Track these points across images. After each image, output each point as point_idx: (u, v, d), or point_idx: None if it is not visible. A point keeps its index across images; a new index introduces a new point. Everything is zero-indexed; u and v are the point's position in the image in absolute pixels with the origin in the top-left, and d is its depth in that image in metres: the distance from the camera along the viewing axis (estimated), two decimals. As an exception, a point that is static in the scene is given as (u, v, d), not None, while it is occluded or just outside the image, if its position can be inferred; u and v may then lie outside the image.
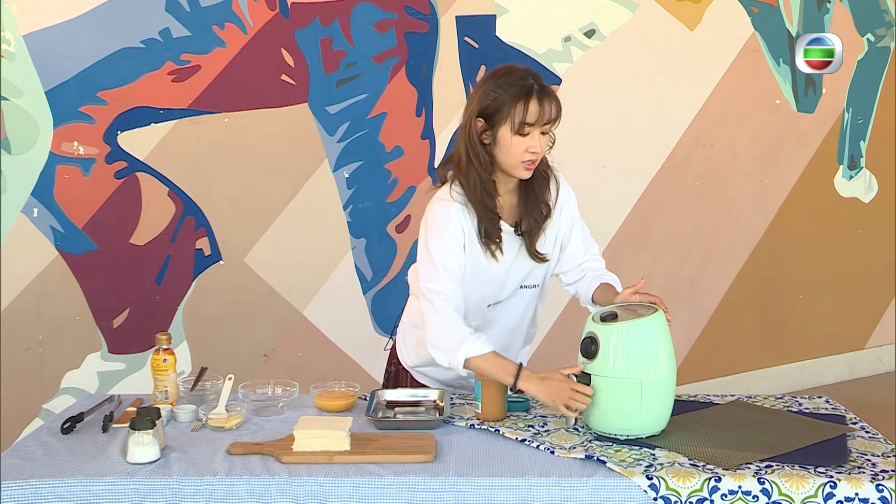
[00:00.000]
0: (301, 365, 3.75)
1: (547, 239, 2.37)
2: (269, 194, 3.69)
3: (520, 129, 2.17)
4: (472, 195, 2.24)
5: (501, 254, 2.29)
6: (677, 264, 4.52)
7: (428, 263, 2.25)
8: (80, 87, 3.33)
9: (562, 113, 2.23)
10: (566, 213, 2.41)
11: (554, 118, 2.20)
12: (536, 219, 2.32)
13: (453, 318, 2.20)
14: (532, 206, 2.31)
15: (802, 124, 4.74)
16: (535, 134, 2.19)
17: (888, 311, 5.16)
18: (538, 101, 2.18)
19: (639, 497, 1.86)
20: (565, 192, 2.41)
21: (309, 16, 3.65)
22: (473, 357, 2.17)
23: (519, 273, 2.36)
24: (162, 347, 2.32)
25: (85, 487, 1.87)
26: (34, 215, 3.33)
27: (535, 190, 2.32)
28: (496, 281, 2.34)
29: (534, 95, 2.18)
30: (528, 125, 2.17)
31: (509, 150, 2.20)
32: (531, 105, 2.17)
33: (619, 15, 4.23)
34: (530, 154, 2.20)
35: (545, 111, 2.18)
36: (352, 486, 1.87)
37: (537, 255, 2.34)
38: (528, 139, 2.19)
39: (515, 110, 2.17)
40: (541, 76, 2.25)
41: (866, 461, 1.95)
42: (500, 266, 2.31)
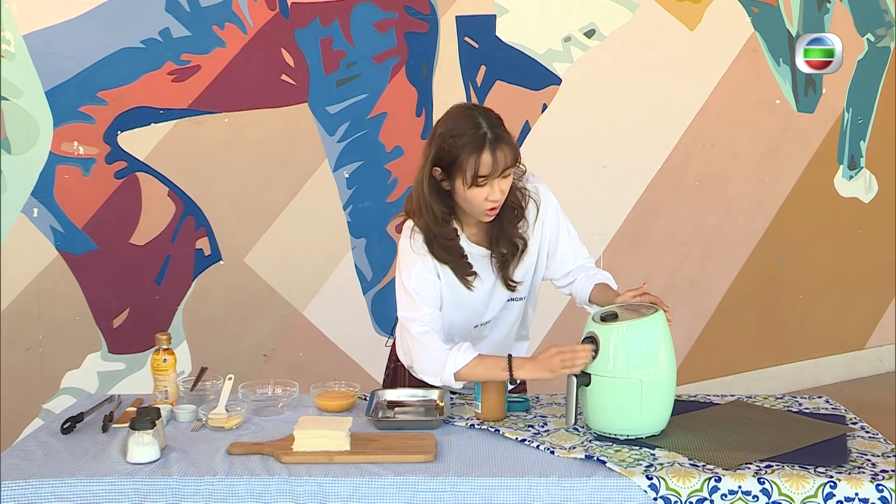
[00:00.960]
0: (301, 365, 3.75)
1: (525, 262, 2.34)
2: (269, 194, 3.69)
3: (474, 181, 2.13)
4: (430, 248, 2.23)
5: (480, 283, 2.28)
6: (677, 264, 4.52)
7: (403, 293, 2.25)
8: (80, 87, 3.33)
9: (519, 156, 2.19)
10: (548, 222, 2.36)
11: (510, 164, 2.15)
12: (506, 250, 2.29)
13: (430, 342, 2.20)
14: (502, 238, 2.28)
15: (802, 124, 4.74)
16: (493, 182, 2.14)
17: (888, 311, 5.16)
18: (491, 152, 2.12)
19: (639, 497, 1.86)
20: (545, 206, 2.35)
21: (309, 16, 3.65)
22: (461, 369, 2.17)
23: (503, 293, 2.35)
24: (162, 347, 2.32)
25: (85, 487, 1.87)
26: (34, 215, 3.33)
27: (504, 223, 2.27)
28: (478, 305, 2.34)
29: (486, 147, 2.12)
30: (483, 177, 2.13)
31: (467, 201, 2.17)
32: (483, 157, 2.12)
33: (619, 15, 4.23)
34: (490, 202, 2.17)
35: (498, 162, 2.13)
36: (352, 486, 1.87)
37: (510, 284, 2.32)
38: (486, 189, 2.15)
39: (468, 164, 2.12)
40: (494, 118, 2.19)
41: (866, 461, 1.95)
42: (479, 292, 2.31)
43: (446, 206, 2.22)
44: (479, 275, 2.28)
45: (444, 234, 2.23)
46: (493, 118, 2.19)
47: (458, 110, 2.24)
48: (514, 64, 4.03)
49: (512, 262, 2.30)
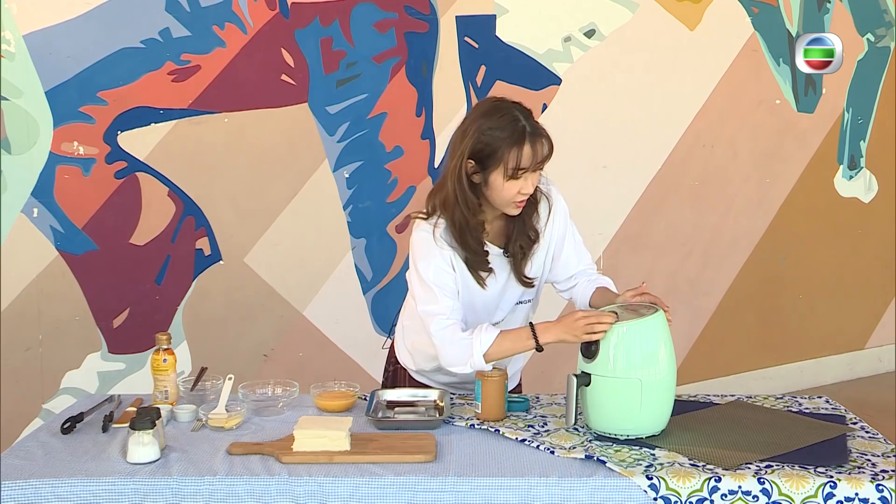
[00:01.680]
0: (301, 365, 3.75)
1: (539, 260, 2.36)
2: (269, 194, 3.69)
3: (513, 174, 2.15)
4: (457, 235, 2.23)
5: (493, 280, 2.29)
6: (677, 264, 4.52)
7: (421, 286, 2.25)
8: (80, 87, 3.33)
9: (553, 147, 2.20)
10: (557, 224, 2.38)
11: (547, 156, 2.18)
12: (523, 245, 2.30)
13: (453, 335, 2.20)
14: (519, 233, 2.29)
15: (802, 124, 4.74)
16: (528, 175, 2.17)
17: (888, 311, 5.16)
18: (531, 144, 2.15)
19: (639, 497, 1.86)
20: (556, 208, 2.37)
21: (309, 16, 3.65)
22: (488, 349, 2.18)
23: (513, 294, 2.36)
24: (162, 347, 2.32)
25: (85, 487, 1.87)
26: (34, 215, 3.33)
27: (524, 216, 2.29)
28: (489, 304, 2.34)
29: (526, 140, 2.15)
30: (522, 170, 2.15)
31: (501, 193, 2.19)
32: (525, 150, 2.15)
33: (619, 15, 4.23)
34: (522, 195, 2.19)
35: (538, 153, 2.16)
36: (352, 486, 1.87)
37: (525, 280, 2.33)
38: (521, 181, 2.17)
39: (509, 156, 2.14)
40: (530, 110, 2.22)
41: (866, 461, 1.95)
42: (492, 290, 2.31)
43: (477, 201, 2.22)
44: (494, 272, 2.29)
45: (475, 224, 2.23)
46: (526, 111, 2.22)
47: (492, 104, 2.25)
48: (514, 64, 4.03)
49: (527, 257, 2.31)
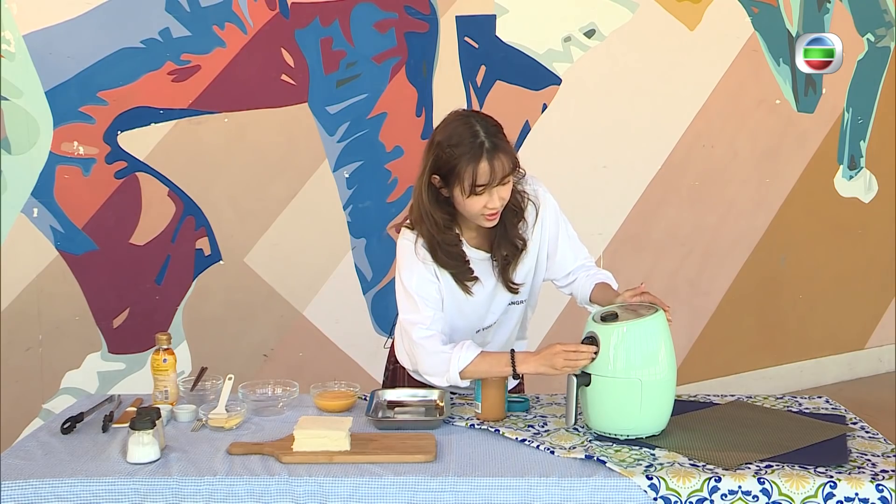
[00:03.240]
0: (301, 365, 3.75)
1: (527, 266, 2.35)
2: (269, 194, 3.69)
3: (472, 190, 2.13)
4: (432, 254, 2.23)
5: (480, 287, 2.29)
6: (677, 264, 4.52)
7: (404, 295, 2.25)
8: (80, 87, 3.33)
9: (518, 163, 2.18)
10: (547, 225, 2.36)
11: (508, 172, 2.14)
12: (508, 253, 2.28)
13: (432, 345, 2.20)
14: (503, 240, 2.28)
15: (802, 124, 4.74)
16: (492, 191, 2.14)
17: (888, 311, 5.16)
18: (488, 161, 2.11)
19: (639, 497, 1.86)
20: (543, 208, 2.34)
21: (309, 16, 3.65)
22: (466, 367, 2.17)
23: (504, 297, 2.35)
24: (162, 347, 2.32)
25: (85, 487, 1.87)
26: (34, 215, 3.33)
27: (506, 225, 2.26)
28: (479, 309, 2.33)
29: (483, 157, 2.11)
30: (482, 186, 2.12)
31: (466, 209, 2.18)
32: (481, 167, 2.11)
33: (619, 15, 4.23)
34: (489, 209, 2.16)
35: (496, 171, 2.12)
36: (352, 486, 1.87)
37: (511, 287, 2.32)
38: (484, 197, 2.14)
39: (466, 173, 2.11)
40: (498, 125, 2.18)
41: (866, 461, 1.95)
42: (479, 297, 2.31)
43: (447, 213, 2.22)
44: (479, 279, 2.28)
45: (446, 240, 2.23)
46: (490, 126, 2.17)
47: (456, 117, 2.21)
48: (514, 64, 4.03)
49: (512, 264, 2.30)
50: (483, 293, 2.31)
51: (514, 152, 2.19)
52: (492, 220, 2.20)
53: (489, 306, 2.35)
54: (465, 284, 2.27)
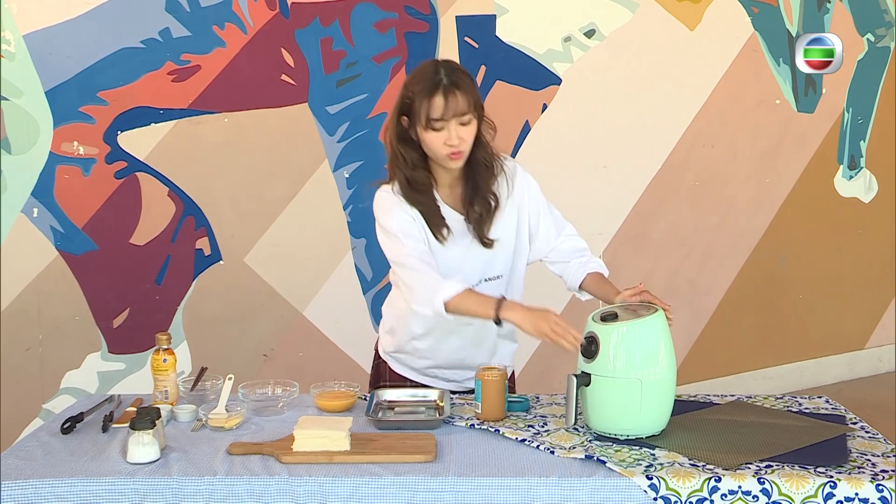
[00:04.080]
0: (301, 365, 3.75)
1: (503, 227, 2.36)
2: (269, 194, 3.69)
3: (428, 124, 2.20)
4: (406, 191, 2.28)
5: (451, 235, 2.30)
6: (677, 264, 4.52)
7: (388, 237, 2.28)
8: (80, 87, 3.33)
9: (479, 102, 2.25)
10: (528, 201, 2.40)
11: (465, 110, 2.20)
12: (480, 208, 2.31)
13: (426, 269, 2.22)
14: (475, 196, 2.31)
15: (802, 124, 4.74)
16: (451, 127, 2.20)
17: (888, 311, 5.16)
18: (443, 95, 2.19)
19: (639, 497, 1.85)
20: (523, 182, 2.40)
21: (309, 16, 3.65)
22: (451, 298, 2.17)
23: (476, 261, 2.35)
24: (162, 347, 2.32)
25: (85, 487, 1.87)
26: (34, 215, 3.33)
27: (477, 180, 2.31)
28: (450, 267, 2.32)
29: (439, 91, 2.19)
30: (436, 120, 2.19)
31: (428, 146, 2.24)
32: (435, 100, 2.19)
33: (619, 15, 4.23)
34: (449, 147, 2.21)
35: (450, 105, 2.19)
36: (352, 486, 1.87)
37: (486, 241, 2.33)
38: (443, 133, 2.20)
39: (422, 107, 2.20)
40: (456, 68, 2.26)
41: (866, 461, 1.95)
42: (453, 252, 2.32)
43: (417, 154, 2.27)
44: (451, 230, 2.30)
45: (416, 177, 2.28)
46: (454, 68, 2.25)
47: (425, 62, 2.31)
48: (514, 64, 4.03)
49: (487, 221, 2.32)
50: (456, 249, 2.32)
51: (476, 94, 2.25)
52: (455, 159, 2.24)
53: (461, 267, 2.33)
54: (437, 229, 2.29)
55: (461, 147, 2.23)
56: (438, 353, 2.42)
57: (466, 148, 2.24)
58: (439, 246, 2.30)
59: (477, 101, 2.25)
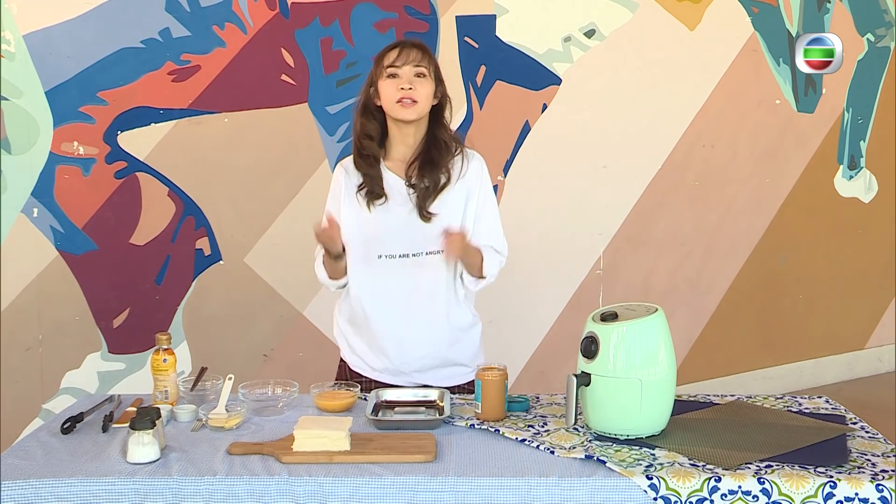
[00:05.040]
0: (301, 365, 3.75)
1: (448, 205, 2.41)
2: (269, 194, 3.69)
3: (387, 73, 2.37)
4: (354, 158, 2.45)
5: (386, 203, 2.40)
6: (677, 264, 4.52)
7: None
8: (80, 87, 3.33)
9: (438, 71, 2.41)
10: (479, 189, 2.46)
11: (419, 62, 2.37)
12: (429, 181, 2.39)
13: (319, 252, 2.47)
14: (425, 166, 2.40)
15: (802, 124, 4.74)
16: (406, 74, 2.36)
17: (888, 311, 5.16)
18: (400, 48, 2.39)
19: (639, 497, 1.85)
20: (478, 169, 2.47)
21: (309, 16, 3.65)
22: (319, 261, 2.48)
23: (413, 231, 2.40)
24: (162, 347, 2.31)
25: (85, 487, 1.87)
26: (34, 215, 3.33)
27: (432, 153, 2.41)
28: (381, 230, 2.41)
29: (398, 45, 2.40)
30: (393, 67, 2.36)
31: (385, 95, 2.37)
32: (394, 51, 2.39)
33: (619, 15, 4.23)
34: (401, 92, 2.35)
35: (404, 54, 2.38)
36: (352, 486, 1.87)
37: (425, 214, 2.39)
38: (397, 80, 2.36)
39: (382, 61, 2.39)
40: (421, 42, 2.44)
41: (866, 461, 1.95)
42: (387, 220, 2.40)
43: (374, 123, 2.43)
44: (388, 198, 2.40)
45: (366, 146, 2.43)
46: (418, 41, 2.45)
47: None
48: (514, 64, 4.03)
49: (433, 195, 2.39)
50: (391, 218, 2.41)
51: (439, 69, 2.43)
52: (406, 108, 2.35)
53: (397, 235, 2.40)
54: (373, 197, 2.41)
55: (413, 95, 2.35)
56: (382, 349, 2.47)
57: (419, 99, 2.36)
58: (371, 214, 2.41)
59: (436, 68, 2.42)
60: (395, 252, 2.41)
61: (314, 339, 3.80)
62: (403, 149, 2.43)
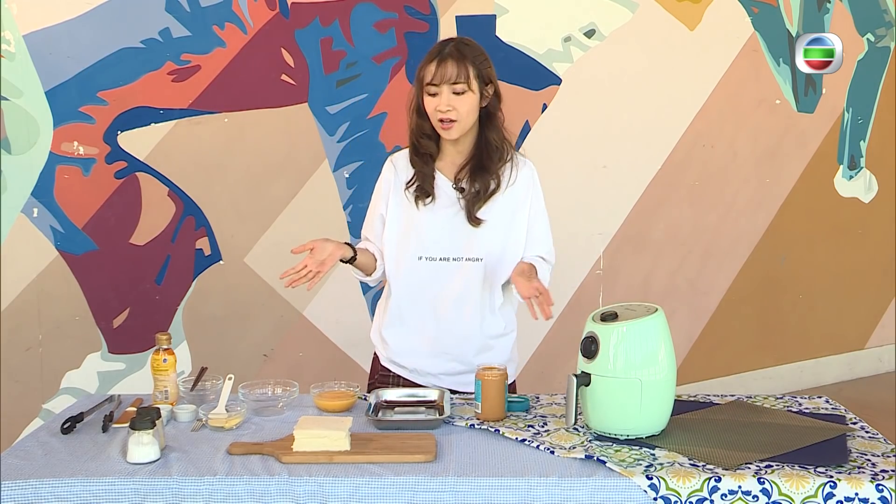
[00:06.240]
0: (301, 365, 3.75)
1: (496, 211, 2.38)
2: (269, 194, 3.69)
3: (425, 89, 2.31)
4: (410, 156, 2.44)
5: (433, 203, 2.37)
6: (677, 264, 4.52)
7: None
8: (80, 87, 3.33)
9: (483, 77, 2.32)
10: (533, 199, 2.42)
11: (455, 79, 2.28)
12: (480, 186, 2.35)
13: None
14: (476, 170, 2.36)
15: (802, 124, 4.74)
16: (444, 93, 2.29)
17: (888, 311, 5.16)
18: (438, 62, 2.29)
19: (639, 497, 1.85)
20: (529, 177, 2.43)
21: (309, 16, 3.65)
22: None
23: (457, 235, 2.37)
24: (162, 347, 2.32)
25: (85, 487, 1.87)
26: (34, 215, 3.33)
27: (483, 158, 2.37)
28: (424, 231, 2.38)
29: (436, 58, 2.30)
30: (431, 85, 2.30)
31: (428, 110, 2.33)
32: (431, 66, 2.30)
33: (619, 15, 4.23)
34: (439, 113, 2.30)
35: (440, 71, 2.28)
36: (352, 486, 1.87)
37: (474, 218, 2.36)
38: (436, 99, 2.30)
39: (422, 73, 2.33)
40: (468, 44, 2.35)
41: (866, 461, 1.95)
42: (432, 221, 2.38)
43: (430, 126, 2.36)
44: (436, 199, 2.38)
45: (422, 144, 2.40)
46: (465, 42, 2.35)
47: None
48: (514, 64, 4.03)
49: (483, 199, 2.36)
50: (436, 219, 2.38)
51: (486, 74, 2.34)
52: (446, 129, 2.32)
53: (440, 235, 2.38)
54: (422, 195, 2.38)
55: (450, 115, 2.30)
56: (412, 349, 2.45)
57: (457, 118, 2.31)
58: (418, 212, 2.38)
59: (479, 75, 2.32)
60: (435, 255, 2.39)
61: (314, 339, 3.80)
62: (454, 152, 2.41)
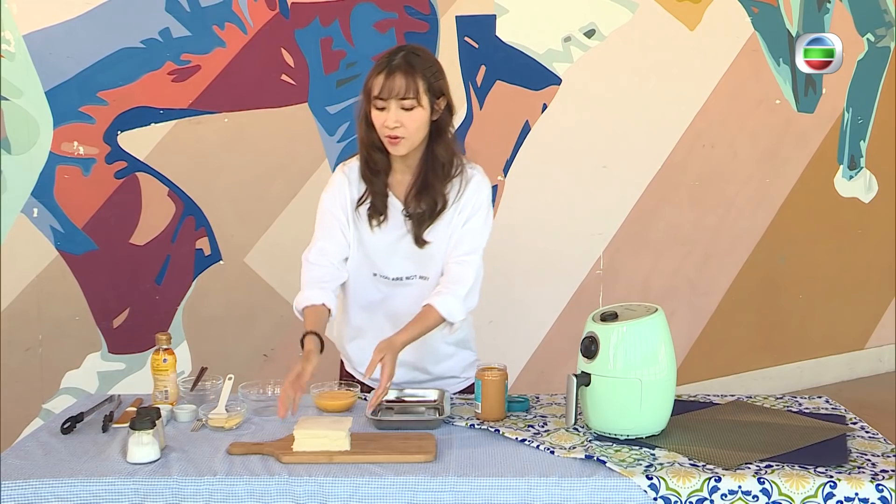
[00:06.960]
0: (301, 365, 3.74)
1: (441, 231, 2.32)
2: (269, 194, 3.69)
3: (373, 102, 2.20)
4: (361, 170, 2.33)
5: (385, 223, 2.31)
6: (677, 264, 4.52)
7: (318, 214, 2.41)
8: (80, 87, 3.33)
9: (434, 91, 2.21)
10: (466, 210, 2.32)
11: (404, 94, 2.17)
12: (426, 206, 2.29)
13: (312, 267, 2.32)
14: (423, 192, 2.28)
15: (802, 124, 4.74)
16: (392, 109, 2.18)
17: (888, 311, 5.16)
18: (386, 75, 2.18)
19: (639, 497, 1.85)
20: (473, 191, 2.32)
21: (309, 16, 3.65)
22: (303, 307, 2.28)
23: (405, 254, 2.33)
24: (162, 347, 2.32)
25: (85, 487, 1.87)
26: (34, 215, 3.33)
27: (429, 177, 2.28)
28: (378, 253, 2.34)
29: (384, 70, 2.18)
30: (377, 98, 2.19)
31: (375, 124, 2.23)
32: (378, 79, 2.19)
33: (619, 15, 4.23)
34: (387, 129, 2.20)
35: (388, 85, 2.17)
36: (352, 486, 1.87)
37: (420, 240, 2.31)
38: (384, 114, 2.20)
39: (369, 84, 2.21)
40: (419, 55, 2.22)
41: (866, 461, 1.95)
42: (381, 240, 2.33)
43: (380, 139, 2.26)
44: (388, 219, 2.31)
45: (374, 158, 2.29)
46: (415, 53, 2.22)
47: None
48: (514, 64, 4.03)
49: (428, 220, 2.30)
50: (385, 239, 2.33)
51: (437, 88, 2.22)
52: (393, 145, 2.22)
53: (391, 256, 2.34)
54: (375, 214, 2.30)
55: (397, 132, 2.20)
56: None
57: (405, 134, 2.21)
58: (371, 233, 2.33)
59: (430, 88, 2.21)
60: (388, 275, 2.37)
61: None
62: (403, 167, 2.32)
